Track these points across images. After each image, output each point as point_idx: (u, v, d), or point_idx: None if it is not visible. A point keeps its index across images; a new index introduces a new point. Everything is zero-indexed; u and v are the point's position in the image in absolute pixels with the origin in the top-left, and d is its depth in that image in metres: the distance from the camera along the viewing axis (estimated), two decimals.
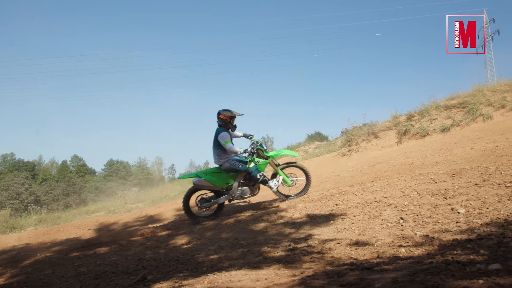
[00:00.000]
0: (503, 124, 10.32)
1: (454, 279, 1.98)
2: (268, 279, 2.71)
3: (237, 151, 7.89)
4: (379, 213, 5.27)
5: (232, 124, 8.16)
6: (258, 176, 7.93)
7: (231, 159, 8.00)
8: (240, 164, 7.95)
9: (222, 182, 8.12)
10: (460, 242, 3.35)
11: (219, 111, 8.12)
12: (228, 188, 8.15)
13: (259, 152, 8.17)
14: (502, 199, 4.55)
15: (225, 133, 7.92)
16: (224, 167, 8.06)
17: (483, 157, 7.40)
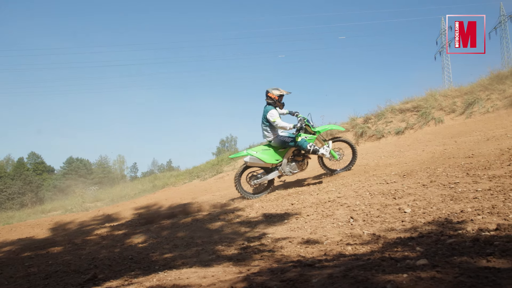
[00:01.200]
0: (452, 128, 10.78)
1: (383, 274, 2.12)
2: (215, 276, 2.79)
3: (286, 126, 8.14)
4: (332, 212, 5.44)
5: (280, 102, 8.49)
6: (308, 147, 8.23)
7: (280, 135, 8.36)
8: (289, 139, 8.29)
9: (272, 159, 8.46)
10: (403, 240, 3.54)
11: (268, 90, 8.51)
12: (278, 164, 8.51)
13: (307, 128, 8.49)
14: (445, 199, 4.79)
15: (274, 110, 8.26)
16: (274, 143, 8.42)
17: (433, 159, 7.72)
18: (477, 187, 4.99)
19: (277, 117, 8.16)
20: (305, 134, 8.40)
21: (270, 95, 8.44)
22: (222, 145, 77.61)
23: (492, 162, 6.15)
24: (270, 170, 8.58)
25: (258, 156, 8.39)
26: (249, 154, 8.47)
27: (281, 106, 8.56)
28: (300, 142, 8.22)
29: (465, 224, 3.67)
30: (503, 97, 10.59)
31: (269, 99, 8.46)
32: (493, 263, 2.19)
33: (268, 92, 8.47)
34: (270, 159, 8.43)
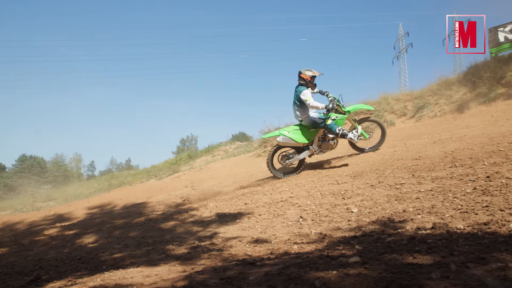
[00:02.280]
0: (403, 130, 11.16)
1: (315, 271, 2.22)
2: (158, 275, 2.83)
3: (318, 106, 8.37)
4: (283, 212, 5.55)
5: (312, 83, 8.70)
6: (337, 130, 8.47)
7: (310, 116, 8.59)
8: (320, 121, 8.51)
9: (304, 139, 8.71)
10: (346, 238, 3.68)
11: (301, 71, 8.70)
12: (309, 144, 8.78)
13: (337, 108, 8.66)
14: (390, 199, 4.99)
15: (307, 90, 8.47)
16: (305, 122, 8.68)
17: (383, 161, 7.98)
18: (420, 188, 5.21)
19: (310, 97, 8.40)
20: (335, 114, 8.61)
21: (302, 75, 8.68)
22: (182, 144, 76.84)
23: (436, 164, 6.42)
24: (301, 149, 8.88)
25: (290, 136, 8.67)
26: (282, 134, 8.72)
27: (313, 87, 8.78)
28: (330, 125, 8.48)
29: (405, 223, 3.85)
30: (449, 102, 11.08)
31: (301, 80, 8.69)
32: (418, 260, 2.34)
33: (301, 73, 8.71)
34: (301, 138, 8.70)
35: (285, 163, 8.88)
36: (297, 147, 8.87)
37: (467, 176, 5.24)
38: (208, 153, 20.11)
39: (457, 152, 7.03)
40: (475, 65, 12.09)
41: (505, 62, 11.16)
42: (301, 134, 8.73)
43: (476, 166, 5.68)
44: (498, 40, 12.58)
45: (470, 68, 12.22)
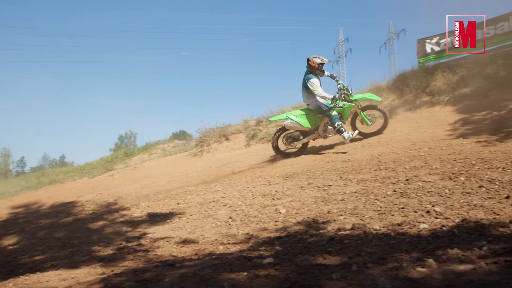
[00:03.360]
0: None
1: (228, 273, 2.29)
2: (75, 278, 2.77)
3: (326, 96, 8.69)
4: (214, 212, 5.58)
5: (320, 70, 8.96)
6: (336, 125, 8.79)
7: (318, 101, 8.85)
8: (325, 108, 8.81)
9: (310, 123, 9.06)
10: (271, 239, 3.78)
11: (309, 58, 8.93)
12: (314, 128, 9.13)
13: (345, 96, 8.95)
14: (317, 201, 5.17)
15: (315, 79, 8.78)
16: (312, 107, 9.02)
17: (315, 163, 8.20)
18: (346, 190, 5.43)
19: (318, 87, 8.72)
20: (343, 102, 8.87)
21: (310, 63, 8.90)
22: (120, 141, 74.79)
23: (363, 166, 6.71)
24: (307, 133, 9.19)
25: (297, 120, 9.01)
26: (289, 118, 9.08)
27: (321, 74, 9.03)
28: (333, 117, 8.79)
29: (328, 224, 4.02)
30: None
31: (309, 67, 8.94)
32: (327, 261, 2.46)
33: (309, 60, 8.92)
34: (307, 123, 9.04)
35: (290, 145, 9.35)
36: (303, 131, 9.20)
37: (389, 179, 5.53)
38: (146, 151, 19.68)
39: (383, 155, 7.38)
40: (404, 74, 12.73)
41: (430, 72, 11.83)
42: (308, 119, 9.07)
43: (398, 170, 6.00)
44: (426, 51, 13.34)
45: (399, 76, 12.85)
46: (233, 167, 10.16)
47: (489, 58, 10.80)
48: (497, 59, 10.60)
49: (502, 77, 9.60)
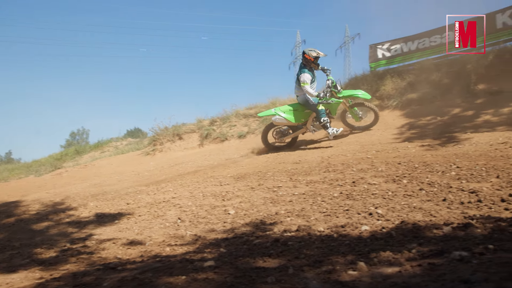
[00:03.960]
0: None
1: (167, 276, 2.30)
2: (9, 284, 2.69)
3: (312, 93, 8.81)
4: (163, 213, 5.54)
5: (315, 63, 9.05)
6: (322, 120, 8.86)
7: (306, 96, 8.92)
8: (311, 103, 8.93)
9: (298, 119, 9.21)
10: (218, 241, 3.80)
11: (304, 51, 9.13)
12: (303, 123, 9.27)
13: (333, 92, 9.04)
14: (266, 202, 5.23)
15: (307, 74, 8.88)
16: (300, 100, 9.18)
17: (267, 164, 8.28)
18: (295, 191, 5.53)
19: (307, 83, 8.80)
20: (332, 98, 8.96)
21: (306, 56, 9.00)
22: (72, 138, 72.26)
23: (313, 168, 6.85)
24: (296, 128, 9.37)
25: (284, 117, 9.16)
26: (277, 114, 9.21)
27: (316, 67, 9.11)
28: (319, 111, 8.86)
29: (275, 226, 4.08)
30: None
31: (304, 60, 9.04)
32: (266, 263, 2.52)
33: (305, 53, 9.04)
34: (295, 119, 9.19)
35: (279, 139, 9.51)
36: (292, 126, 9.36)
37: (337, 181, 5.67)
38: (98, 148, 19.10)
39: (333, 157, 7.55)
40: (355, 78, 13.07)
41: (380, 77, 12.21)
42: (296, 114, 9.18)
43: (346, 172, 6.16)
44: (377, 56, 13.74)
45: (351, 80, 13.19)
46: (186, 166, 10.10)
47: (434, 66, 11.28)
48: (442, 67, 11.09)
49: (446, 84, 10.05)
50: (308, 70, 9.00)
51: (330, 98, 8.97)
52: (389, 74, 12.14)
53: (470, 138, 7.26)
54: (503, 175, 4.71)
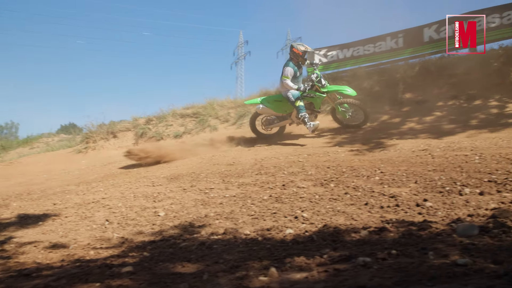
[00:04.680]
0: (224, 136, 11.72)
1: (82, 283, 2.28)
2: None
3: (292, 86, 8.92)
4: (91, 214, 5.40)
5: (303, 58, 9.12)
6: (300, 115, 8.92)
7: (288, 91, 9.01)
8: (292, 99, 8.98)
9: (282, 110, 9.36)
10: (144, 243, 3.78)
11: (293, 45, 9.14)
12: (288, 114, 9.34)
13: (317, 87, 9.04)
14: (197, 204, 5.25)
15: (290, 69, 8.98)
16: (283, 94, 9.19)
17: (201, 165, 8.29)
18: (226, 193, 5.59)
19: (288, 77, 8.93)
20: (315, 93, 9.04)
21: (294, 49, 9.05)
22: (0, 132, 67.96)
23: (246, 170, 6.94)
24: (282, 118, 9.50)
25: (269, 106, 9.37)
26: (262, 103, 9.43)
27: (304, 62, 9.25)
28: (298, 107, 8.92)
29: (203, 228, 4.12)
30: None
31: (292, 54, 9.10)
32: (185, 269, 2.55)
33: (293, 47, 9.09)
34: (280, 109, 9.38)
35: (266, 128, 9.71)
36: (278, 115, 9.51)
37: (268, 184, 5.79)
38: (27, 144, 18.12)
39: (266, 160, 7.69)
40: None
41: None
42: (280, 105, 9.33)
43: (277, 175, 6.31)
44: (314, 62, 14.09)
45: None
46: (119, 166, 9.90)
47: (366, 73, 11.79)
48: (373, 75, 11.61)
49: (376, 92, 10.52)
50: (294, 64, 9.11)
51: (312, 92, 9.08)
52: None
53: (395, 144, 7.66)
54: (420, 180, 5.01)
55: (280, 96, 9.43)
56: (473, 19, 11.13)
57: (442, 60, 11.29)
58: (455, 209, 3.77)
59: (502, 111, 8.78)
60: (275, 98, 9.56)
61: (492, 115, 8.62)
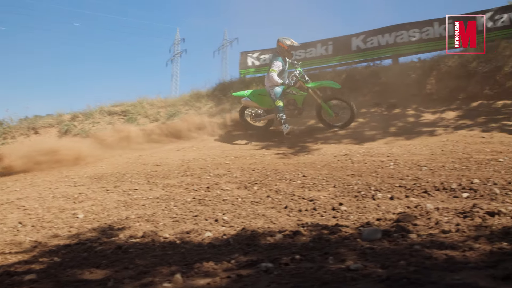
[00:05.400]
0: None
1: None
2: None
3: (276, 82, 8.91)
4: (3, 216, 5.10)
5: (289, 53, 9.13)
6: (278, 115, 9.04)
7: (272, 88, 9.04)
8: (274, 97, 9.04)
9: (266, 104, 9.41)
10: (59, 247, 3.64)
11: (279, 39, 9.05)
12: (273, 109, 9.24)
13: (301, 83, 8.99)
14: (119, 205, 5.15)
15: (279, 63, 8.96)
16: (267, 90, 9.21)
17: (127, 165, 8.11)
18: (150, 195, 5.53)
19: (276, 70, 8.88)
20: (297, 90, 9.10)
21: (280, 44, 9.02)
22: None
23: (172, 171, 6.90)
24: (268, 111, 9.47)
25: (253, 100, 9.46)
26: (247, 96, 9.54)
27: (290, 56, 9.23)
28: (277, 107, 9.02)
29: (122, 231, 4.04)
30: (198, 113, 12.01)
31: (278, 48, 9.09)
32: (92, 275, 2.48)
33: (279, 41, 9.02)
34: (263, 104, 9.43)
35: (254, 121, 9.76)
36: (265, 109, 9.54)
37: (193, 186, 5.80)
38: None
39: (193, 161, 7.69)
40: (223, 83, 13.43)
41: (247, 84, 12.68)
42: (264, 99, 9.38)
43: (203, 176, 6.33)
44: (247, 64, 14.27)
45: (219, 85, 13.51)
46: None
47: None
48: None
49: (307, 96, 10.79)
50: (282, 59, 9.07)
51: (295, 89, 9.13)
52: (255, 82, 12.69)
53: (319, 148, 7.94)
54: (339, 184, 5.24)
55: (265, 90, 9.44)
56: (397, 31, 11.85)
57: (367, 69, 11.85)
58: (366, 213, 4.00)
59: (417, 120, 9.37)
60: (260, 92, 9.64)
61: (409, 123, 9.17)
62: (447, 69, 10.27)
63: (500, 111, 8.95)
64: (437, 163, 5.81)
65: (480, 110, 9.25)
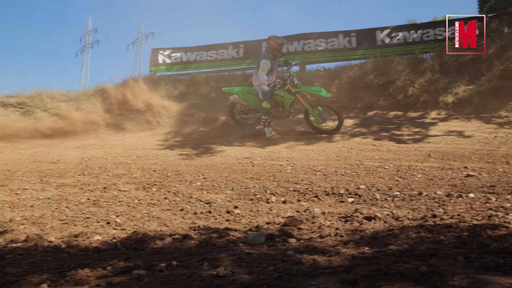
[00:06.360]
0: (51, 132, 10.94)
1: None
2: None
3: (264, 82, 8.78)
4: None
5: (278, 51, 9.01)
6: (263, 118, 8.93)
7: (260, 87, 8.87)
8: (260, 96, 8.88)
9: (253, 102, 9.26)
10: None
11: (270, 37, 9.02)
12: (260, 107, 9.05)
13: (289, 87, 8.83)
14: (4, 206, 4.75)
15: (268, 61, 8.80)
16: (255, 89, 9.02)
17: (20, 161, 7.59)
18: (41, 195, 5.23)
19: (265, 69, 8.75)
20: (285, 92, 8.91)
21: (270, 42, 8.94)
22: None
23: (69, 170, 6.59)
24: (256, 109, 9.31)
25: (241, 97, 9.34)
26: (236, 94, 9.39)
27: (279, 55, 9.15)
28: (263, 109, 8.88)
29: (3, 235, 3.73)
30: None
31: (268, 46, 9.01)
32: None
33: (270, 39, 8.96)
34: (251, 102, 9.29)
35: (242, 117, 9.65)
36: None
37: (89, 186, 5.60)
38: None
39: (93, 159, 7.42)
40: (131, 79, 12.98)
41: (155, 82, 12.50)
42: (252, 98, 9.21)
43: (101, 176, 6.14)
44: (158, 61, 13.97)
45: (125, 81, 12.97)
46: None
47: (204, 79, 12.19)
48: (211, 81, 12.06)
49: (213, 97, 10.93)
50: (271, 58, 8.89)
51: (283, 91, 8.93)
52: (163, 80, 12.53)
53: (223, 150, 8.03)
54: (237, 187, 5.36)
55: (253, 89, 9.21)
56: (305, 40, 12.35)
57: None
58: (258, 216, 4.14)
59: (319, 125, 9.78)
60: (248, 90, 9.44)
61: (309, 129, 9.55)
62: (347, 79, 10.91)
63: (392, 121, 9.71)
64: (331, 168, 6.15)
65: (375, 120, 9.96)
